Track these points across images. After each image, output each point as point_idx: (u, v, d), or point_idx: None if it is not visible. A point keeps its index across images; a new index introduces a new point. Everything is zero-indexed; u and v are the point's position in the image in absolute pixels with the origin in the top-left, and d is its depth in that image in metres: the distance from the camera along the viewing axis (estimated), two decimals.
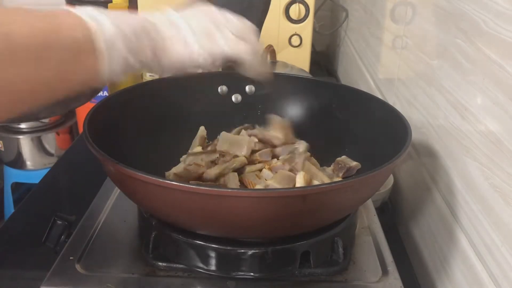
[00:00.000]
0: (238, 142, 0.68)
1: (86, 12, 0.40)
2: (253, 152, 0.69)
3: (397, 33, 0.90)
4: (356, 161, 0.67)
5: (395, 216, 0.83)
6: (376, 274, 0.56)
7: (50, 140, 1.81)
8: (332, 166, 0.68)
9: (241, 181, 0.64)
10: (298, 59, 1.21)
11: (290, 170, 0.64)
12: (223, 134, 0.70)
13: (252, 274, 0.53)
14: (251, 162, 0.68)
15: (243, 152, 0.67)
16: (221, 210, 0.47)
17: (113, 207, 0.66)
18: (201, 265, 0.54)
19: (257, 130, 0.75)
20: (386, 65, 0.98)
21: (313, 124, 0.76)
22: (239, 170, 0.66)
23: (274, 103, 0.78)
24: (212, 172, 0.63)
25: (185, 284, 0.53)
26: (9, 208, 1.78)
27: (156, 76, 1.16)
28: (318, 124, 0.75)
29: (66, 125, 1.85)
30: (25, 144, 1.77)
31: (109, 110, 0.64)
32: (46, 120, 1.78)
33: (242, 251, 0.52)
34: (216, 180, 0.64)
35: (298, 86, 0.78)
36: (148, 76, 1.18)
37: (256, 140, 0.70)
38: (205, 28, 0.48)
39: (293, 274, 0.54)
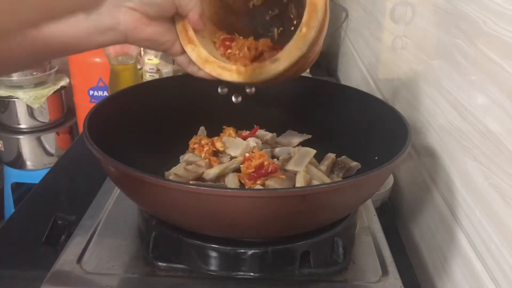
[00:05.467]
0: (235, 144, 0.68)
1: None
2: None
3: (397, 33, 0.90)
4: (356, 161, 0.67)
5: (395, 216, 0.83)
6: (376, 274, 0.56)
7: (50, 140, 1.81)
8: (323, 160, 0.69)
9: (241, 181, 0.64)
10: None
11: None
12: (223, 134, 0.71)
13: (252, 274, 0.53)
14: None
15: (237, 153, 0.67)
16: (221, 210, 0.47)
17: (113, 207, 0.66)
18: (201, 265, 0.54)
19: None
20: (386, 65, 0.98)
21: (313, 124, 0.76)
22: (239, 170, 0.66)
23: (274, 103, 0.78)
24: (212, 172, 0.63)
25: (185, 284, 0.53)
26: (9, 208, 1.78)
27: (156, 76, 1.17)
28: (318, 124, 0.75)
29: (66, 125, 1.85)
30: (25, 144, 1.77)
31: (109, 110, 0.64)
32: (46, 120, 1.78)
33: (242, 251, 0.52)
34: (216, 180, 0.64)
35: (298, 86, 0.77)
36: (148, 76, 1.18)
37: (255, 144, 0.70)
38: None
39: (293, 274, 0.54)
